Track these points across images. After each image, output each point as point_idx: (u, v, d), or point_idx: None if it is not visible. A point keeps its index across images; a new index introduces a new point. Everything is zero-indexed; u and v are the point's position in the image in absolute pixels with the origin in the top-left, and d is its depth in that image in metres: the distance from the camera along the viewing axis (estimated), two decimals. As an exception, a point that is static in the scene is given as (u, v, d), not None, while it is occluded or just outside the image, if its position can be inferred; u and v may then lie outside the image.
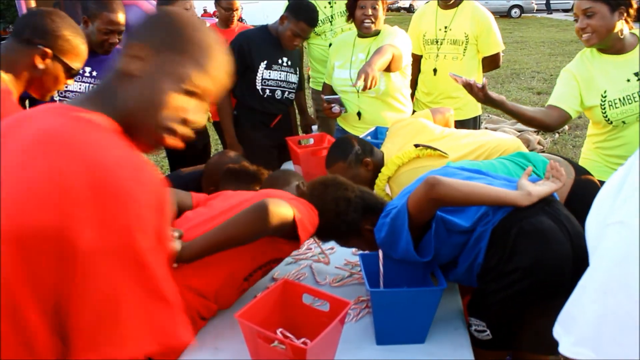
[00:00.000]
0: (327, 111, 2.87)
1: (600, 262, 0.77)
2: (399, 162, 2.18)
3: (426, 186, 1.50)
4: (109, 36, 2.48)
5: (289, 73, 3.17)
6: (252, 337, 1.39)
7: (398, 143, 2.31)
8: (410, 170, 2.14)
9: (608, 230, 0.76)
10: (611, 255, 0.75)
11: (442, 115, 2.56)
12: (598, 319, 0.75)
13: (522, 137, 5.44)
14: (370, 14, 2.80)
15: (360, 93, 2.87)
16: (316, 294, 1.55)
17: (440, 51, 3.25)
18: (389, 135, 2.47)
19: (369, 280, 1.56)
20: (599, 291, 0.76)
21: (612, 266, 0.75)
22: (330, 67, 3.07)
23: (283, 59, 3.15)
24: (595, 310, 0.75)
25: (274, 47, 3.10)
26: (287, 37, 3.02)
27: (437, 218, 1.57)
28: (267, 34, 3.14)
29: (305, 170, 2.79)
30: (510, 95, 8.06)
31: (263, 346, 1.35)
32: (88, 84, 2.55)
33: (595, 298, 0.76)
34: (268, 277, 1.91)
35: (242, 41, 3.09)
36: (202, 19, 8.54)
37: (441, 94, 3.30)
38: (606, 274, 0.76)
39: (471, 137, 2.27)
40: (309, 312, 1.54)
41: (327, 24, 3.52)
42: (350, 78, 2.88)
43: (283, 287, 1.56)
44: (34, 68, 1.69)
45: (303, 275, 1.94)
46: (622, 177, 0.79)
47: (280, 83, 3.15)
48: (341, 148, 2.29)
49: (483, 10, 3.23)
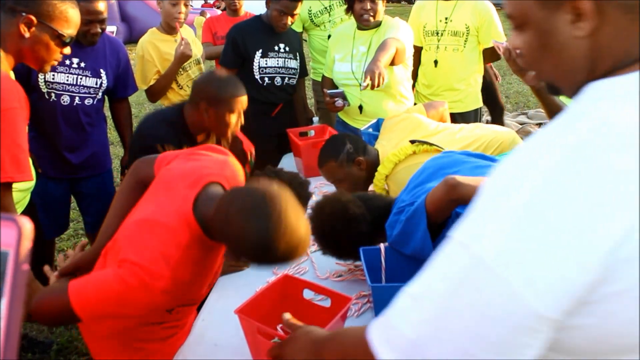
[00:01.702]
0: (330, 105, 2.84)
1: (430, 284, 0.72)
2: (395, 160, 2.16)
3: (446, 187, 1.49)
4: (89, 26, 2.42)
5: (287, 59, 3.15)
6: (252, 333, 1.38)
7: (393, 139, 2.29)
8: (407, 167, 2.12)
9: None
10: (443, 278, 0.70)
11: (436, 110, 2.54)
12: (416, 340, 0.71)
13: (523, 129, 5.42)
14: (369, 8, 2.76)
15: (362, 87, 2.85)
16: (317, 289, 1.54)
17: (440, 43, 3.23)
18: (382, 132, 2.44)
19: (370, 275, 1.55)
20: (421, 315, 0.71)
21: (440, 291, 0.70)
22: (330, 59, 3.04)
23: (279, 45, 3.12)
24: (417, 334, 0.72)
25: (268, 35, 3.09)
26: (275, 18, 3.01)
27: (453, 215, 1.56)
28: (260, 23, 3.13)
29: (306, 162, 2.78)
30: (512, 87, 8.02)
31: (263, 342, 1.34)
32: (76, 75, 2.50)
33: (416, 322, 0.72)
34: (268, 270, 1.90)
35: (234, 34, 3.09)
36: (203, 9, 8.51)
37: (442, 86, 3.27)
38: (433, 298, 0.71)
39: (465, 130, 2.26)
40: (309, 307, 1.53)
41: (326, 14, 3.50)
42: (352, 71, 2.86)
43: (283, 282, 1.55)
44: (22, 38, 1.61)
45: (303, 270, 1.93)
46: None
47: (278, 70, 3.13)
48: (332, 147, 2.27)
49: (484, 1, 3.20)
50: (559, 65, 0.73)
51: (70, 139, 2.54)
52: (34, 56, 1.67)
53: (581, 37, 0.68)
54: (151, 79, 3.04)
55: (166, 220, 1.24)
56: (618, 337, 0.63)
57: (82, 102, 2.53)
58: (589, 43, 0.68)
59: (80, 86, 2.51)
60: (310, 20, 3.53)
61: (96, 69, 2.56)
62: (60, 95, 2.47)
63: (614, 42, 0.67)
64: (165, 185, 1.35)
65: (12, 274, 0.46)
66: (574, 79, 0.72)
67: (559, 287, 0.60)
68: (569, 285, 0.60)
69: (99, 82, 2.57)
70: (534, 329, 0.62)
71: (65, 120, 2.49)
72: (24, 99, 1.55)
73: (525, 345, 0.63)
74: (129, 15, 14.32)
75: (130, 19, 14.29)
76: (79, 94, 2.51)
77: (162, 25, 3.13)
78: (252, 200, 1.14)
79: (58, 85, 2.46)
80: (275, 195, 1.14)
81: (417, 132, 2.25)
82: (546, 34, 0.71)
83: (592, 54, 0.69)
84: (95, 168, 2.70)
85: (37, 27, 1.62)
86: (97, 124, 2.67)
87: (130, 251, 1.21)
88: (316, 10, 3.50)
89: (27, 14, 1.59)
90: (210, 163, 1.44)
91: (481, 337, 0.65)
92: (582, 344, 0.65)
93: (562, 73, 0.73)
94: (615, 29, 0.66)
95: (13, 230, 0.47)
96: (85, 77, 2.53)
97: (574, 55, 0.70)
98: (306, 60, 3.82)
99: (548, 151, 0.63)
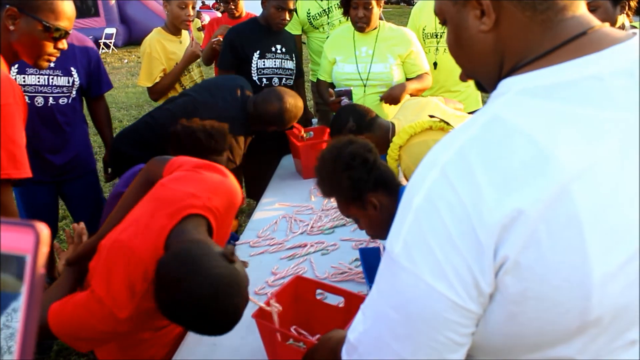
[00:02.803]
0: (335, 105, 2.83)
1: (369, 295, 0.76)
2: (411, 132, 2.14)
3: None
4: None
5: (283, 60, 3.16)
6: (270, 337, 1.38)
7: (409, 115, 2.30)
8: (422, 141, 2.10)
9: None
10: (376, 288, 0.74)
11: (454, 106, 2.57)
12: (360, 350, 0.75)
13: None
14: (362, 16, 2.79)
15: (367, 87, 2.88)
16: (330, 289, 1.54)
17: (440, 45, 3.24)
18: (401, 110, 2.46)
19: (368, 276, 1.55)
20: (362, 326, 0.75)
21: (374, 298, 0.74)
22: (327, 62, 3.03)
23: (276, 47, 3.13)
24: (359, 344, 0.76)
25: (264, 36, 3.10)
26: (273, 16, 3.00)
27: None
28: (256, 25, 3.14)
29: (305, 164, 2.78)
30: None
31: (281, 345, 1.34)
32: (47, 76, 2.47)
33: (361, 331, 0.75)
34: (267, 270, 1.90)
35: (232, 37, 3.11)
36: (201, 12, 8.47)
37: (441, 87, 3.28)
38: (370, 307, 0.75)
39: None
40: (323, 307, 1.54)
41: (324, 17, 3.51)
42: (358, 72, 2.88)
43: (296, 283, 1.55)
44: (9, 32, 1.56)
45: (302, 270, 1.93)
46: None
47: (276, 70, 3.14)
48: (335, 125, 2.28)
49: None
50: (472, 60, 0.77)
51: (50, 140, 2.53)
52: (25, 51, 1.61)
53: (485, 31, 0.72)
54: (157, 76, 3.06)
55: (140, 250, 1.28)
56: (529, 335, 0.65)
57: (56, 102, 2.51)
58: (493, 37, 0.72)
59: (52, 86, 2.50)
60: (309, 22, 3.54)
61: (66, 68, 2.53)
62: (33, 97, 2.46)
63: (515, 39, 0.71)
64: (153, 206, 1.39)
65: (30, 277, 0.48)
66: (488, 74, 0.76)
67: (463, 275, 0.62)
68: (469, 273, 0.62)
69: (71, 80, 2.55)
70: (455, 322, 0.64)
71: (42, 122, 2.48)
72: (20, 96, 1.53)
73: (453, 341, 0.66)
74: (129, 17, 14.34)
75: (130, 21, 14.32)
76: (52, 94, 2.50)
77: (168, 25, 3.16)
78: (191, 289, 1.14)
79: (30, 87, 2.45)
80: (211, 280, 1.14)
81: (435, 112, 2.27)
82: (459, 29, 0.75)
83: (499, 49, 0.72)
84: (80, 169, 2.69)
85: (22, 19, 1.56)
86: (76, 123, 2.64)
87: (101, 280, 1.27)
88: (315, 13, 3.51)
89: (10, 5, 1.53)
90: (203, 187, 1.44)
91: (408, 338, 0.67)
92: (497, 340, 0.67)
93: (477, 67, 0.78)
94: (515, 26, 0.70)
95: (31, 235, 0.49)
96: (56, 76, 2.50)
97: (482, 50, 0.74)
98: (305, 62, 3.83)
99: (449, 147, 0.67)
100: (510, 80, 0.69)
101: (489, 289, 0.63)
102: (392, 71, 2.85)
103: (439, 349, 0.66)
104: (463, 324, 0.65)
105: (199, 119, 2.01)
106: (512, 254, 0.60)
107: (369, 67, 2.85)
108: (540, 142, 0.61)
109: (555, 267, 0.60)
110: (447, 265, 0.62)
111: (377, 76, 2.86)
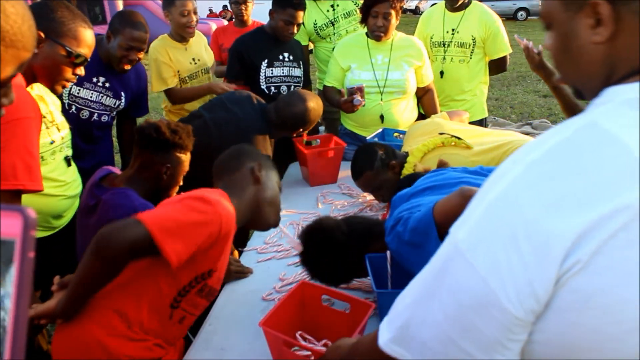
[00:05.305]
0: (347, 104, 2.84)
1: (425, 268, 0.74)
2: (425, 150, 2.18)
3: (462, 198, 1.42)
4: (129, 52, 2.51)
5: (291, 67, 3.19)
6: (277, 345, 1.38)
7: (420, 141, 2.31)
8: (436, 156, 2.13)
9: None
10: (431, 264, 0.73)
11: (459, 117, 2.60)
12: (407, 320, 0.74)
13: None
14: (381, 25, 2.83)
15: (384, 95, 2.93)
16: (336, 295, 1.55)
17: (447, 54, 3.26)
18: (407, 137, 2.48)
19: (375, 282, 1.56)
20: (412, 297, 0.74)
21: (427, 275, 0.73)
22: (338, 69, 3.04)
23: (284, 55, 3.17)
24: (407, 315, 0.74)
25: (271, 45, 3.14)
26: (281, 29, 3.05)
27: None
28: (263, 34, 3.18)
29: (312, 171, 2.79)
30: (517, 98, 8.03)
31: (289, 353, 1.35)
32: (99, 93, 2.60)
33: (409, 303, 0.74)
34: (274, 276, 1.92)
35: (239, 47, 3.16)
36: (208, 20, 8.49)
37: (447, 96, 3.30)
38: (422, 282, 0.74)
39: (493, 136, 2.27)
40: (329, 313, 1.55)
41: (331, 27, 3.53)
42: (375, 79, 2.92)
43: (302, 289, 1.57)
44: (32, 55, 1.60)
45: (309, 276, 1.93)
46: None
47: (284, 78, 3.17)
48: (365, 158, 2.26)
49: (491, 14, 3.23)
50: (578, 70, 0.74)
51: (78, 148, 2.57)
52: (44, 73, 1.67)
53: (599, 42, 0.68)
54: (169, 79, 3.14)
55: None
56: (586, 350, 0.62)
57: (99, 118, 2.63)
58: (606, 49, 0.68)
59: (100, 104, 2.61)
60: (316, 33, 3.56)
61: (118, 91, 2.66)
62: (80, 110, 2.57)
63: (631, 50, 0.67)
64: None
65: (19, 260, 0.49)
66: (592, 84, 0.72)
67: (517, 276, 0.61)
68: (524, 275, 0.60)
69: (118, 103, 2.67)
70: (504, 326, 0.63)
71: (78, 132, 2.53)
72: (37, 111, 1.57)
73: (500, 344, 0.64)
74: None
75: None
76: (97, 110, 2.61)
77: (173, 33, 3.24)
78: None
79: (81, 100, 2.56)
80: None
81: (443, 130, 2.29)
82: (567, 37, 0.72)
83: (609, 61, 0.69)
84: None
85: (47, 43, 1.61)
86: (106, 138, 2.76)
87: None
88: (321, 24, 3.53)
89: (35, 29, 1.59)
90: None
91: (459, 323, 0.66)
92: (551, 353, 0.64)
93: (581, 77, 0.74)
94: (632, 37, 0.66)
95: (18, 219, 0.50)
96: (107, 96, 2.63)
97: (591, 60, 0.70)
98: (312, 70, 3.85)
99: (538, 147, 0.65)
100: (616, 89, 0.67)
101: (545, 295, 0.61)
102: (409, 78, 2.92)
103: (485, 343, 0.65)
104: (507, 326, 0.63)
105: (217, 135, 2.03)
106: (583, 258, 0.58)
107: (386, 75, 2.90)
108: (636, 153, 0.59)
109: (625, 279, 0.58)
110: (504, 264, 0.61)
111: (394, 83, 2.92)
